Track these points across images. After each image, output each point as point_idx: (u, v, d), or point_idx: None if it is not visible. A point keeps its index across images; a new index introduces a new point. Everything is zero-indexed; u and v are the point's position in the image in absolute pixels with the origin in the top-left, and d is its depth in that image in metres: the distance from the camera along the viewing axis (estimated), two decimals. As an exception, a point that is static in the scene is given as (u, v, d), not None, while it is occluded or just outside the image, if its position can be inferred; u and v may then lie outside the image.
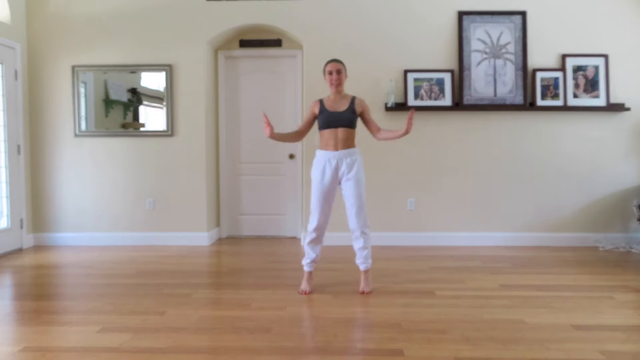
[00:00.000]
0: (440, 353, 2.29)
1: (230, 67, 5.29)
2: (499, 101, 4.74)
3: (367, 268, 3.29)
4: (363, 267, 3.29)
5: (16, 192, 4.72)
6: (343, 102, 3.22)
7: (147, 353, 2.32)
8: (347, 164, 3.17)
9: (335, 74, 3.18)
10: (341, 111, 3.18)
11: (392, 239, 4.87)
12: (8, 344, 2.44)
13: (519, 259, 4.25)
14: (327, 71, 3.21)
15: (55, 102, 4.93)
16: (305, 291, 3.27)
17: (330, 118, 3.17)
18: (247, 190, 5.35)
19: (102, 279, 3.68)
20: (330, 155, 3.18)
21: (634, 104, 4.78)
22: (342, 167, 3.17)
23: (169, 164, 4.91)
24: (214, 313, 2.89)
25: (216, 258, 4.41)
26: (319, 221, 3.22)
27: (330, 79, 3.20)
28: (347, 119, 3.17)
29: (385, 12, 4.82)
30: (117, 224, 4.96)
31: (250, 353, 2.32)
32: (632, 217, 4.82)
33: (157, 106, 4.92)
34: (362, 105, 3.26)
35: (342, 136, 3.17)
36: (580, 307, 2.96)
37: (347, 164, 3.17)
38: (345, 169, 3.17)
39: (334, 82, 3.18)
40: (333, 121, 3.16)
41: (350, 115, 3.18)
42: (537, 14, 4.77)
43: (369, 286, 3.29)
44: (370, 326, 2.65)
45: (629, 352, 2.31)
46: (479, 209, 4.86)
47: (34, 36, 4.89)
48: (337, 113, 3.17)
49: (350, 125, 3.19)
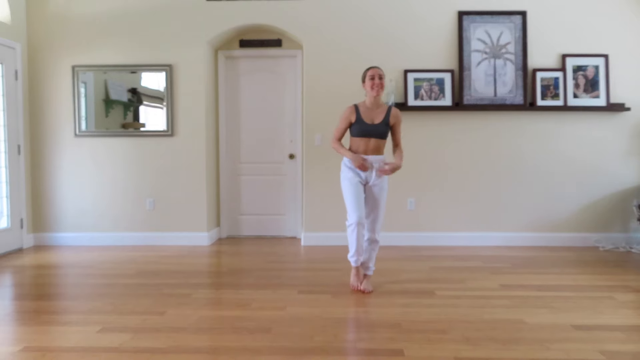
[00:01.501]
0: (440, 353, 2.29)
1: (230, 67, 5.29)
2: (499, 101, 4.74)
3: (371, 274, 3.40)
4: (370, 272, 3.39)
5: (16, 192, 4.72)
6: (379, 113, 3.28)
7: (147, 353, 2.32)
8: (375, 169, 3.24)
9: (378, 79, 3.21)
10: (376, 124, 3.25)
11: (392, 239, 4.87)
12: (8, 344, 2.44)
13: (519, 259, 4.25)
14: (369, 76, 3.23)
15: (55, 102, 4.93)
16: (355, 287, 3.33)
17: (366, 129, 3.23)
18: (247, 190, 5.35)
19: (102, 279, 3.68)
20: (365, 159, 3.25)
21: (634, 104, 4.78)
22: (372, 172, 3.26)
23: (169, 164, 4.91)
24: (214, 313, 2.89)
25: (216, 258, 4.41)
26: (358, 216, 3.19)
27: (372, 84, 3.22)
28: (381, 132, 3.24)
29: (385, 12, 4.83)
30: (117, 224, 4.96)
31: (250, 353, 2.32)
32: (632, 217, 4.82)
33: (157, 106, 4.92)
34: (396, 117, 3.31)
35: (373, 145, 3.27)
36: (580, 307, 2.96)
37: (375, 169, 3.24)
38: (374, 173, 3.25)
39: (375, 88, 3.21)
40: (368, 133, 3.24)
41: (385, 128, 3.26)
42: (537, 14, 4.77)
43: (370, 287, 3.32)
44: (370, 326, 2.65)
45: (629, 352, 2.31)
46: (479, 209, 4.86)
47: (34, 36, 4.89)
48: (372, 126, 3.23)
49: (383, 137, 3.27)
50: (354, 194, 3.23)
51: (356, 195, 3.23)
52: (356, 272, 3.35)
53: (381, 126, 3.24)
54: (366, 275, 3.38)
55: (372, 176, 3.26)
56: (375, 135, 3.23)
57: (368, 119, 3.25)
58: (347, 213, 3.29)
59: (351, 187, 3.25)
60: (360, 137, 3.25)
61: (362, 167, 3.19)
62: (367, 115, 3.26)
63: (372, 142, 3.25)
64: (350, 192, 3.24)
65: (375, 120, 3.25)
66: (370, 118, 3.26)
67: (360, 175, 3.27)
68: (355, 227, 3.21)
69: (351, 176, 3.27)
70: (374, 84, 3.20)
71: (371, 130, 3.23)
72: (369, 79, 3.23)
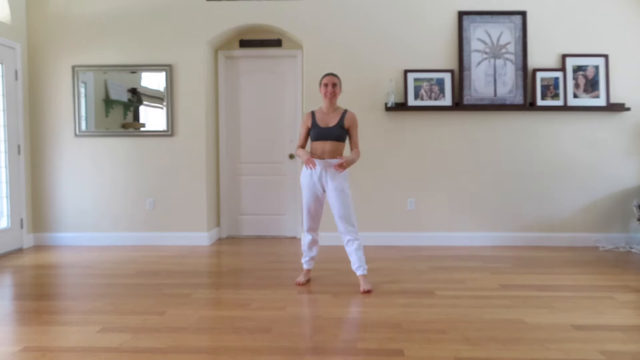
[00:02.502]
0: (440, 353, 2.29)
1: (230, 67, 5.29)
2: (499, 101, 4.74)
3: (363, 273, 3.35)
4: (360, 272, 3.35)
5: (16, 192, 4.72)
6: (334, 116, 3.39)
7: (147, 353, 2.32)
8: (331, 173, 3.32)
9: (331, 87, 3.34)
10: (330, 127, 3.35)
11: (392, 239, 4.87)
12: (8, 344, 2.44)
13: (519, 259, 4.25)
14: (323, 83, 3.37)
15: (55, 102, 4.93)
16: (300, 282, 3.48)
17: (321, 133, 3.35)
18: (247, 190, 5.35)
19: (102, 279, 3.68)
20: (316, 162, 3.32)
21: (634, 104, 4.78)
22: (326, 174, 3.33)
23: (169, 164, 4.91)
24: (214, 313, 2.89)
25: (216, 258, 4.41)
26: (309, 225, 3.45)
27: (325, 91, 3.36)
28: (336, 134, 3.34)
29: (385, 12, 4.83)
30: (117, 224, 4.96)
31: (250, 353, 2.32)
32: (632, 217, 4.82)
33: (157, 106, 4.92)
34: (351, 120, 3.40)
35: (329, 148, 3.35)
36: (580, 307, 2.96)
37: (331, 173, 3.32)
38: (328, 177, 3.33)
39: (328, 95, 3.35)
40: (323, 136, 3.34)
41: (339, 131, 3.35)
42: (537, 14, 4.77)
43: (369, 285, 3.33)
44: (370, 326, 2.65)
45: (629, 352, 2.31)
46: (479, 208, 4.86)
47: (34, 36, 4.89)
48: (326, 129, 3.35)
49: (338, 139, 3.35)
50: (308, 202, 3.40)
51: (309, 204, 3.40)
52: (306, 272, 3.53)
53: (335, 129, 3.33)
54: (363, 275, 3.34)
55: (327, 179, 3.33)
56: (330, 137, 3.33)
57: (323, 122, 3.37)
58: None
59: (306, 196, 3.40)
60: (317, 141, 3.36)
61: (307, 162, 3.26)
62: (322, 119, 3.38)
63: (328, 145, 3.34)
64: (305, 201, 3.42)
65: (330, 123, 3.36)
66: (324, 122, 3.37)
67: (314, 177, 3.34)
68: (306, 234, 3.47)
69: (307, 183, 3.39)
70: (327, 91, 3.34)
71: (325, 133, 3.33)
72: (323, 86, 3.36)
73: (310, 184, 3.36)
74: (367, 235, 4.88)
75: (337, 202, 3.31)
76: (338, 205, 3.31)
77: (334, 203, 3.32)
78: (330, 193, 3.33)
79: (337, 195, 3.30)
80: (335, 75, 3.40)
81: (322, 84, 3.36)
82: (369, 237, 4.87)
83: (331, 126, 3.34)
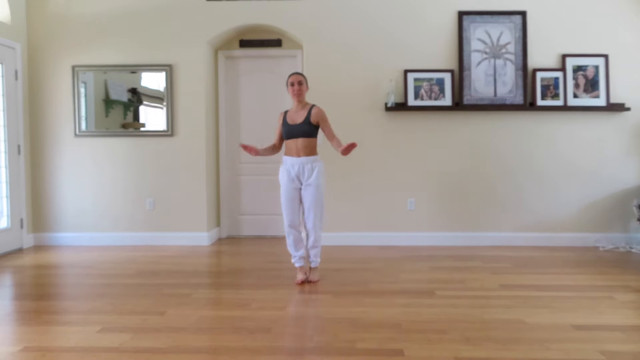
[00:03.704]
0: (440, 353, 2.29)
1: (230, 67, 5.29)
2: (499, 101, 4.74)
3: (316, 265, 3.59)
4: (313, 264, 3.57)
5: (16, 192, 4.72)
6: (302, 113, 3.50)
7: (147, 353, 2.32)
8: (308, 170, 3.43)
9: (297, 85, 3.46)
10: (298, 123, 3.45)
11: (392, 239, 4.87)
12: (8, 344, 2.44)
13: (519, 259, 4.25)
14: (289, 82, 3.49)
15: (55, 102, 4.93)
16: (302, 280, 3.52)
17: (290, 130, 3.46)
18: (247, 190, 5.35)
19: (102, 279, 3.68)
20: (292, 161, 3.46)
21: (634, 104, 4.78)
22: (304, 172, 3.44)
23: (169, 164, 4.91)
24: (214, 313, 2.89)
25: (216, 258, 4.41)
26: (290, 220, 3.51)
27: (291, 90, 3.48)
28: (303, 130, 3.43)
29: (385, 12, 4.83)
30: (117, 224, 4.96)
31: (250, 353, 2.32)
32: (632, 217, 4.82)
33: (157, 106, 4.92)
34: (317, 115, 3.48)
35: (301, 145, 3.44)
36: (580, 307, 2.96)
37: (308, 170, 3.43)
38: (306, 174, 3.44)
39: (295, 93, 3.46)
40: (293, 133, 3.45)
41: (307, 127, 3.44)
42: (537, 14, 4.77)
43: (316, 277, 3.57)
44: (370, 326, 2.65)
45: (629, 352, 2.31)
46: (479, 208, 4.86)
47: (34, 36, 4.89)
48: (295, 125, 3.45)
49: (308, 135, 3.45)
50: (286, 198, 3.48)
51: (288, 200, 3.48)
52: (300, 269, 3.57)
53: (303, 125, 3.43)
54: (312, 268, 3.56)
55: (304, 176, 3.43)
56: (298, 134, 3.42)
57: (291, 120, 3.48)
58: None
59: (284, 192, 3.49)
60: (288, 139, 3.47)
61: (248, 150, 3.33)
62: (291, 117, 3.50)
63: (299, 142, 3.43)
64: (283, 197, 3.50)
65: (297, 120, 3.46)
66: (293, 119, 3.48)
67: (291, 174, 3.44)
68: (288, 231, 3.53)
69: (285, 181, 3.48)
70: (293, 90, 3.46)
71: (293, 130, 3.43)
72: (289, 85, 3.48)
73: (288, 181, 3.46)
74: (367, 235, 4.88)
75: (310, 196, 3.43)
76: (310, 199, 3.43)
77: (307, 197, 3.44)
78: (305, 188, 3.45)
79: (312, 190, 3.42)
80: (300, 73, 3.53)
81: (288, 83, 3.48)
82: (369, 237, 4.87)
83: (298, 123, 3.44)
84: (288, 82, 3.49)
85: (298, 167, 3.43)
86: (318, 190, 3.44)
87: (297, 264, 3.58)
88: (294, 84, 3.46)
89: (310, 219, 3.47)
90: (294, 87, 3.46)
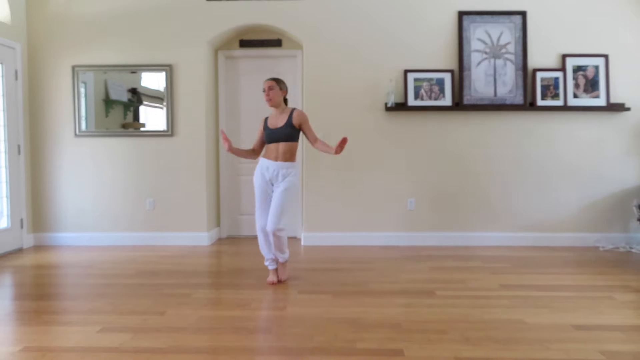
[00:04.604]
0: (440, 353, 2.29)
1: (230, 67, 5.29)
2: (499, 101, 4.74)
3: (284, 260, 3.59)
4: (281, 259, 3.57)
5: (16, 192, 4.72)
6: (282, 117, 3.47)
7: (147, 353, 2.32)
8: (282, 175, 3.43)
9: (268, 90, 3.43)
10: (280, 127, 3.42)
11: (392, 239, 4.87)
12: (8, 344, 2.44)
13: (519, 259, 4.25)
14: (263, 88, 3.47)
15: (55, 102, 4.93)
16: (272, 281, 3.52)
17: (272, 134, 3.43)
18: (247, 190, 5.35)
19: (102, 279, 3.68)
20: (269, 164, 3.44)
21: (634, 104, 4.78)
22: (278, 176, 3.43)
23: (169, 164, 4.91)
24: (214, 313, 2.89)
25: (216, 258, 4.41)
26: (261, 222, 3.48)
27: (265, 96, 3.45)
28: (285, 133, 3.41)
29: (385, 12, 4.83)
30: (117, 224, 4.96)
31: (250, 353, 2.32)
32: (632, 217, 4.82)
33: (157, 106, 4.92)
34: (299, 117, 3.46)
35: (282, 149, 3.43)
36: (580, 307, 2.96)
37: (282, 175, 3.43)
38: (279, 178, 3.44)
39: (266, 99, 3.45)
40: (275, 137, 3.42)
41: (289, 130, 3.42)
42: (537, 14, 4.77)
43: (285, 275, 3.59)
44: (370, 326, 2.65)
45: (629, 352, 2.31)
46: (479, 208, 4.86)
47: (34, 36, 4.89)
48: (276, 129, 3.43)
49: (290, 139, 3.43)
50: (260, 201, 3.47)
51: (261, 202, 3.47)
52: (273, 272, 3.56)
53: (284, 128, 3.40)
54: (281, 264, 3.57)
55: (277, 180, 3.43)
56: (280, 138, 3.40)
57: (272, 124, 3.47)
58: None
59: (258, 194, 3.48)
60: (270, 143, 3.45)
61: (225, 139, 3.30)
62: (272, 122, 3.48)
63: (281, 146, 3.42)
64: (257, 199, 3.49)
65: (279, 124, 3.44)
66: (274, 124, 3.46)
67: (265, 177, 3.44)
68: (259, 234, 3.50)
69: (259, 183, 3.46)
70: (265, 97, 3.45)
71: (275, 134, 3.41)
72: (263, 91, 3.47)
73: (262, 183, 3.45)
74: (367, 235, 4.88)
75: (279, 197, 3.38)
76: (277, 199, 3.38)
77: (274, 200, 3.40)
78: (276, 190, 3.44)
79: (282, 192, 3.40)
80: (273, 78, 3.49)
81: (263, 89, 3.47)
82: (369, 237, 4.87)
83: (280, 126, 3.42)
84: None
85: (272, 171, 3.42)
86: (287, 192, 3.40)
87: (271, 266, 3.55)
88: (265, 89, 3.44)
89: (271, 219, 3.38)
90: (265, 92, 3.43)
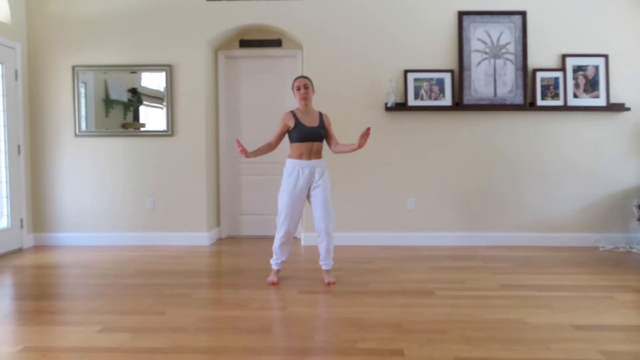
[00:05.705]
0: (440, 353, 2.29)
1: (230, 67, 5.29)
2: (499, 101, 4.74)
3: (329, 268, 3.54)
4: (326, 267, 3.53)
5: (16, 192, 4.72)
6: (314, 117, 3.48)
7: (147, 353, 2.32)
8: (319, 172, 3.44)
9: (304, 89, 3.44)
10: (316, 126, 3.44)
11: (392, 239, 4.87)
12: (8, 344, 2.44)
13: (519, 259, 4.25)
14: (296, 87, 3.46)
15: (55, 102, 4.93)
16: (273, 281, 3.52)
17: (309, 132, 3.40)
18: (247, 190, 5.35)
19: (102, 279, 3.68)
20: (304, 164, 3.41)
21: (634, 104, 4.78)
22: (315, 175, 3.43)
23: (169, 164, 4.91)
24: (214, 313, 2.89)
25: (216, 258, 4.41)
26: (289, 227, 3.45)
27: (299, 94, 3.45)
28: (321, 133, 3.45)
29: (385, 12, 4.83)
30: (118, 224, 4.95)
31: (250, 353, 2.32)
32: (632, 217, 4.82)
33: (157, 106, 4.92)
34: (329, 120, 3.57)
35: (317, 148, 3.45)
36: (580, 307, 2.96)
37: (319, 172, 3.44)
38: (317, 176, 3.43)
39: (302, 97, 3.43)
40: (312, 136, 3.40)
41: (323, 131, 3.47)
42: (537, 14, 4.77)
43: (333, 277, 3.54)
44: (370, 326, 2.65)
45: (629, 352, 2.31)
46: (479, 208, 4.86)
47: (34, 36, 4.89)
48: (313, 128, 3.42)
49: (322, 139, 3.49)
50: (292, 206, 3.41)
51: (292, 207, 3.40)
52: (276, 272, 3.56)
53: (319, 129, 3.44)
54: (327, 270, 3.53)
55: (314, 178, 3.42)
56: (317, 137, 3.42)
57: (309, 123, 3.43)
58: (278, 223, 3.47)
59: (290, 199, 3.40)
60: (303, 142, 3.41)
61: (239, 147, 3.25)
62: (306, 120, 3.44)
63: (316, 146, 3.43)
64: (287, 204, 3.41)
65: (314, 123, 3.44)
66: (310, 122, 3.44)
67: (301, 179, 3.38)
68: (283, 237, 3.46)
69: (292, 187, 3.39)
70: (300, 94, 3.43)
71: (312, 133, 3.40)
72: (296, 90, 3.46)
73: (299, 186, 3.39)
74: (367, 235, 4.88)
75: (320, 197, 3.39)
76: (321, 200, 3.39)
77: (318, 197, 3.40)
78: (316, 191, 3.42)
79: (323, 192, 3.41)
80: (306, 77, 3.51)
81: (294, 87, 3.46)
82: (369, 237, 4.87)
83: (316, 126, 3.43)
84: (294, 86, 3.46)
85: (310, 170, 3.40)
86: (327, 191, 3.44)
87: (274, 266, 3.57)
88: (300, 87, 3.43)
89: (322, 220, 3.40)
90: (300, 90, 3.43)
